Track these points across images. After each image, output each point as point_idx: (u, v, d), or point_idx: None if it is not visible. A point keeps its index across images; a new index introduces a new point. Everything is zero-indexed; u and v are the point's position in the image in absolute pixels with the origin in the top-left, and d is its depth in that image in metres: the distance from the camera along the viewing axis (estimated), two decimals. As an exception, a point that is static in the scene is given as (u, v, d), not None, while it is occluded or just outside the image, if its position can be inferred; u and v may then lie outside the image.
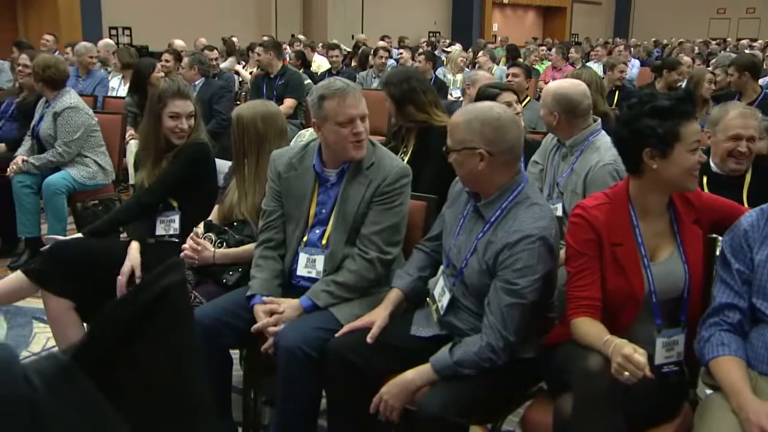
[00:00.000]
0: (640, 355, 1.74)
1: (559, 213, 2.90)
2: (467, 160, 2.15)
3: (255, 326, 2.40)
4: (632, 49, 13.68)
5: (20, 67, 5.40)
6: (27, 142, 4.71)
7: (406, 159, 3.53)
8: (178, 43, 8.64)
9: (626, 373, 1.73)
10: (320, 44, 11.49)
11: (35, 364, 0.74)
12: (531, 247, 2.07)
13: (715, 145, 3.00)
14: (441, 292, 2.35)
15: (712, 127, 3.02)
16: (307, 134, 3.57)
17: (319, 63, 10.07)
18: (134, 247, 2.97)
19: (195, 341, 0.80)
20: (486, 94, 3.57)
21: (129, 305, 0.73)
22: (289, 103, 6.35)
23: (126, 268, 2.90)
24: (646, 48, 14.54)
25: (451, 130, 2.21)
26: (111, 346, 0.72)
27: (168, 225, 3.16)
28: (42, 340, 3.24)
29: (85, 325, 3.00)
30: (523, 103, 4.70)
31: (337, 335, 2.30)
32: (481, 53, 9.67)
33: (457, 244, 2.29)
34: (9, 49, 9.45)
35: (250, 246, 2.71)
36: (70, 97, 4.63)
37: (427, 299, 2.44)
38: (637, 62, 11.50)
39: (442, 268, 2.44)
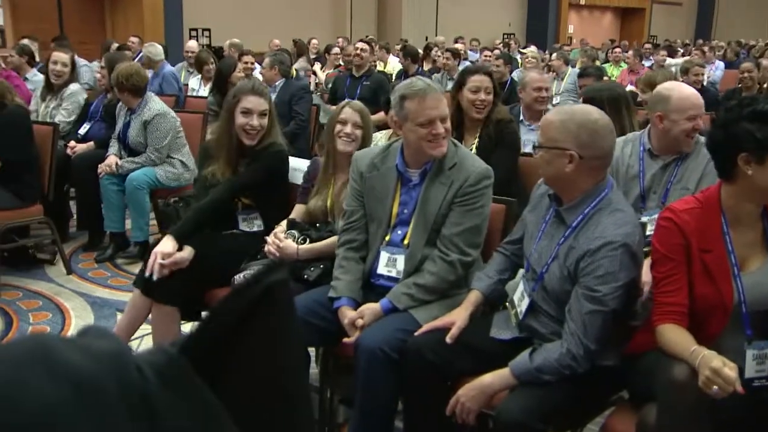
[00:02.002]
0: (730, 369, 1.68)
1: None
2: (555, 159, 2.12)
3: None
4: (715, 50, 13.24)
5: (99, 74, 5.58)
6: (114, 145, 4.87)
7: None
8: (231, 42, 8.78)
9: (715, 387, 1.67)
10: (396, 46, 11.53)
11: (145, 357, 0.76)
12: (613, 254, 2.03)
13: None
14: (520, 296, 2.32)
15: None
16: (379, 136, 3.58)
17: (393, 65, 10.10)
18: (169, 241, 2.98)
19: (297, 340, 0.81)
20: (465, 70, 3.86)
21: (234, 303, 0.74)
22: (381, 116, 6.33)
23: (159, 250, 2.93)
24: (734, 49, 13.99)
25: (543, 127, 2.18)
26: (216, 342, 0.74)
27: (251, 222, 3.22)
28: (142, 345, 3.34)
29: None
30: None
31: (416, 334, 2.30)
32: (554, 55, 9.51)
33: (538, 249, 2.26)
34: (98, 50, 9.83)
35: (333, 239, 2.73)
36: (155, 104, 4.76)
37: (507, 303, 2.42)
38: (721, 64, 11.13)
39: (521, 272, 2.42)
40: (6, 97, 4.26)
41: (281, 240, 2.83)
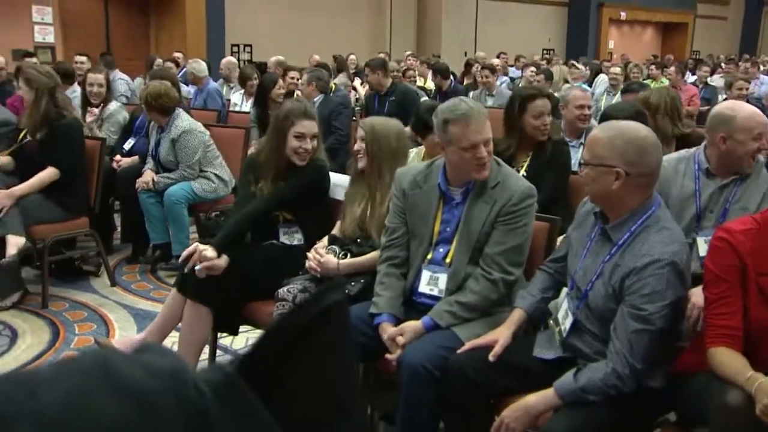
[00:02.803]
0: None
1: None
2: (602, 177, 2.10)
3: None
4: (759, 66, 12.99)
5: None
6: (150, 162, 4.95)
7: (520, 173, 3.51)
8: (277, 59, 8.88)
9: None
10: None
11: (203, 374, 0.77)
12: (660, 272, 2.00)
13: None
14: (564, 314, 2.30)
15: None
16: (413, 153, 3.58)
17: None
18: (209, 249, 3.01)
19: (352, 359, 0.81)
20: (521, 93, 3.72)
21: (291, 323, 0.75)
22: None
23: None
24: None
25: (590, 144, 2.16)
26: (272, 360, 0.74)
27: (291, 236, 3.25)
28: (167, 345, 3.38)
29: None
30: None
31: (459, 351, 2.29)
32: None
33: (583, 267, 2.24)
34: (143, 65, 10.04)
35: (375, 254, 2.73)
36: (182, 121, 4.81)
37: (550, 321, 2.40)
38: (766, 79, 10.92)
39: (566, 290, 2.39)
40: (67, 109, 4.38)
41: (322, 255, 2.84)
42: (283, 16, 14.08)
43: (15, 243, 4.04)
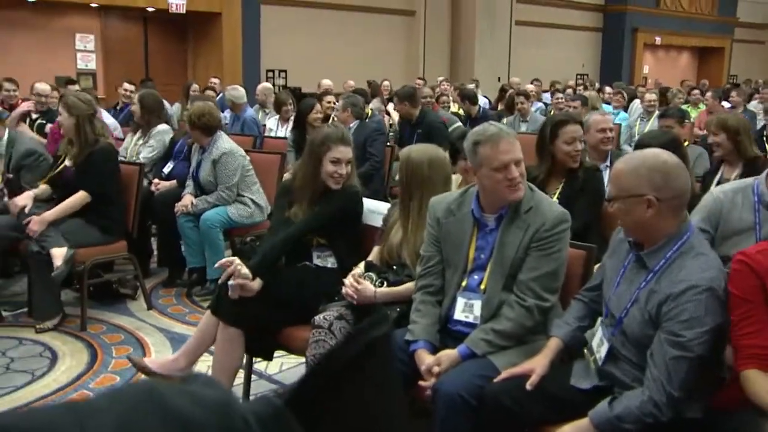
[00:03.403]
0: None
1: None
2: (634, 208, 2.09)
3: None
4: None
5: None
6: (190, 185, 5.03)
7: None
8: (325, 82, 8.98)
9: None
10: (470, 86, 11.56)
11: (250, 406, 0.78)
12: (698, 298, 1.98)
13: None
14: (599, 342, 2.28)
15: None
16: (453, 179, 3.58)
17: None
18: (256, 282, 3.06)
19: (397, 391, 0.82)
20: (553, 120, 3.79)
21: (338, 356, 0.76)
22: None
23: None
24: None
25: (614, 178, 2.16)
26: (319, 393, 0.75)
27: (325, 259, 3.28)
28: (203, 369, 3.41)
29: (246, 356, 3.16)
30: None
31: (495, 380, 2.28)
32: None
33: (617, 294, 2.22)
34: (182, 92, 10.23)
35: (412, 284, 2.74)
36: (224, 142, 4.90)
37: (585, 350, 2.38)
38: (805, 105, 10.74)
39: (600, 318, 2.37)
40: (103, 135, 4.48)
41: (359, 282, 2.85)
42: (318, 42, 14.25)
43: (60, 254, 4.12)
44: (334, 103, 6.75)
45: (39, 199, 4.45)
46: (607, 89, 10.46)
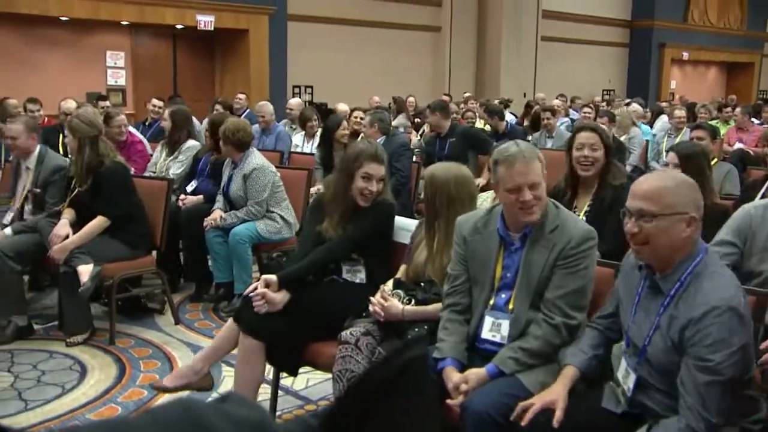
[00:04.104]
0: None
1: None
2: (675, 225, 2.06)
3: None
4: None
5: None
6: (219, 200, 5.07)
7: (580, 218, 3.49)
8: (341, 107, 9.01)
9: None
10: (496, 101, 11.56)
11: (286, 426, 0.78)
12: (720, 320, 1.95)
13: None
14: (625, 373, 2.24)
15: None
16: (484, 196, 3.59)
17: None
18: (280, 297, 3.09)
19: (433, 412, 0.81)
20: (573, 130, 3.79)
21: (373, 378, 0.76)
22: (483, 160, 6.34)
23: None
24: None
25: (656, 194, 2.08)
26: (354, 414, 0.75)
27: (354, 274, 3.28)
28: (229, 384, 3.42)
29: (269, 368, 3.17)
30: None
31: (512, 419, 2.22)
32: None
33: (636, 322, 2.19)
34: (209, 108, 10.35)
35: (439, 305, 2.73)
36: (255, 158, 4.95)
37: (611, 383, 2.33)
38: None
39: (622, 346, 2.33)
40: (108, 155, 4.46)
41: (387, 299, 2.85)
42: (344, 58, 14.35)
43: (86, 271, 4.16)
44: (362, 119, 6.78)
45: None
46: (638, 107, 10.29)
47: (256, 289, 3.06)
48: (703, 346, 1.95)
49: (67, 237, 4.30)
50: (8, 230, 4.50)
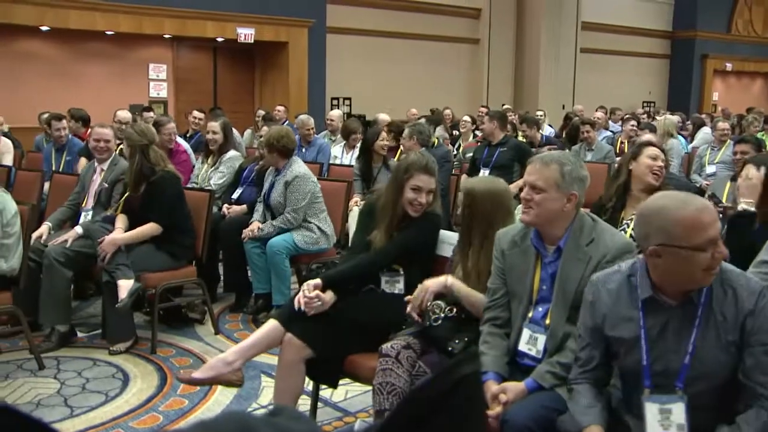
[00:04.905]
0: None
1: None
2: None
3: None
4: None
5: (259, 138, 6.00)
6: (259, 209, 5.13)
7: (628, 229, 3.45)
8: (382, 117, 9.04)
9: None
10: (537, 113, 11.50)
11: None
12: None
13: None
14: (665, 413, 2.08)
15: None
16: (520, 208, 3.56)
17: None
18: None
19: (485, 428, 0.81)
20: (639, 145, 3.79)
21: (426, 392, 0.76)
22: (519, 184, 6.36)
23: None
24: None
25: (697, 226, 1.96)
26: (407, 429, 0.75)
27: (393, 285, 3.29)
28: (269, 394, 3.44)
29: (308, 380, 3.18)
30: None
31: None
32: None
33: (661, 357, 2.08)
34: (250, 119, 10.49)
35: (483, 296, 2.72)
36: (299, 167, 5.00)
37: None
38: None
39: (646, 393, 2.12)
40: (159, 164, 4.59)
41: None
42: (382, 70, 14.41)
43: (125, 287, 4.24)
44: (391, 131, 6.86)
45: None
46: (674, 117, 10.16)
47: (305, 298, 3.06)
48: (765, 331, 1.98)
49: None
50: (79, 228, 4.62)
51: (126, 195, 4.63)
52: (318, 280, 3.13)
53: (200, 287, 4.84)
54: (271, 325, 3.16)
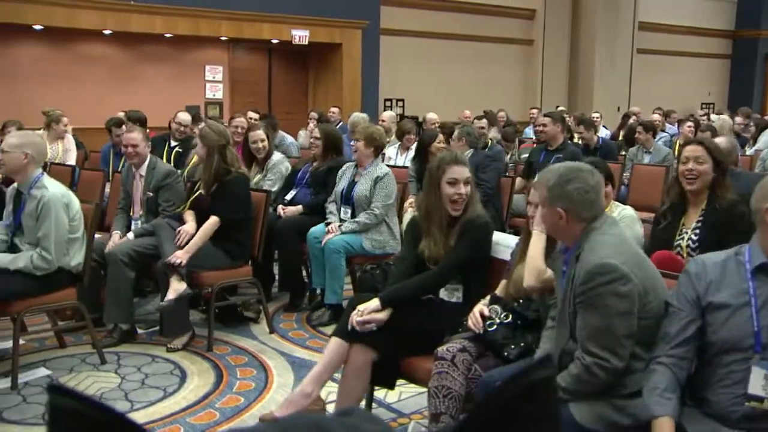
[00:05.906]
0: None
1: None
2: None
3: None
4: None
5: (312, 139, 6.03)
6: (332, 210, 5.18)
7: (687, 236, 3.38)
8: (431, 116, 9.02)
9: None
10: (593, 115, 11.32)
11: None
12: None
13: None
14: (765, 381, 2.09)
15: None
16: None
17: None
18: None
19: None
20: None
21: (502, 396, 0.76)
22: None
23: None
24: None
25: None
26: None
27: (452, 293, 3.27)
28: (322, 395, 3.46)
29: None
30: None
31: None
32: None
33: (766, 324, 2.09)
34: (303, 120, 10.58)
35: None
36: (383, 166, 5.15)
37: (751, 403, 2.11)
38: None
39: (756, 359, 2.10)
40: (234, 165, 4.70)
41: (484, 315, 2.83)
42: (435, 71, 14.38)
43: (175, 289, 4.33)
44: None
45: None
46: (728, 118, 9.88)
47: (360, 321, 3.07)
48: None
49: (194, 235, 4.51)
50: (130, 234, 4.76)
51: (197, 194, 4.72)
52: (377, 303, 3.11)
53: (256, 287, 4.90)
54: (335, 343, 3.17)
